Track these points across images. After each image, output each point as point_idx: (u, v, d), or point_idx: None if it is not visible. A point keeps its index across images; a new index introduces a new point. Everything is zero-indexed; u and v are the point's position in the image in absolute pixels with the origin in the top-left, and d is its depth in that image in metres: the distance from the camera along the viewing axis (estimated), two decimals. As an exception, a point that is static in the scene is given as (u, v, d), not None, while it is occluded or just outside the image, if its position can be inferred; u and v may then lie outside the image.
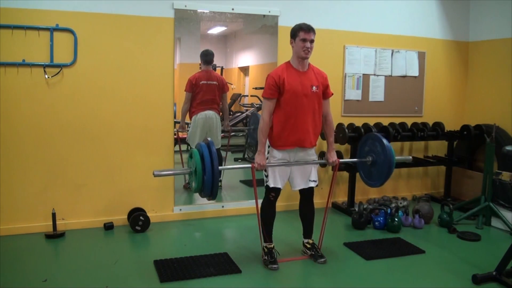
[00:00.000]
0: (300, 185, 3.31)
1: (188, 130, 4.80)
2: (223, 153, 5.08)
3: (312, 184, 3.33)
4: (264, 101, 3.15)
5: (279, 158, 3.20)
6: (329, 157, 3.38)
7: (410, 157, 4.14)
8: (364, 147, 3.59)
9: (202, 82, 4.72)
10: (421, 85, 5.21)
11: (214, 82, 4.79)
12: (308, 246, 3.45)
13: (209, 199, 3.15)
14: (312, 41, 3.12)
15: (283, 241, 3.62)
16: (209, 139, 3.04)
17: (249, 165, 3.17)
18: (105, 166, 4.02)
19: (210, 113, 4.79)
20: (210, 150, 2.92)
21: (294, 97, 3.11)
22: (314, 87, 3.16)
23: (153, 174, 2.96)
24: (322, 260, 3.34)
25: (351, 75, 4.85)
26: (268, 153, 3.26)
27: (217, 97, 4.83)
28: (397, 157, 3.44)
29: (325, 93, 3.28)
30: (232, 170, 5.11)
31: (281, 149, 3.19)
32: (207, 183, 2.90)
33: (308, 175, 3.31)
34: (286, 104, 3.12)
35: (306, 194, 3.39)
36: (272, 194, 3.25)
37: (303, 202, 3.44)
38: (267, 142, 3.22)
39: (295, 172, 3.29)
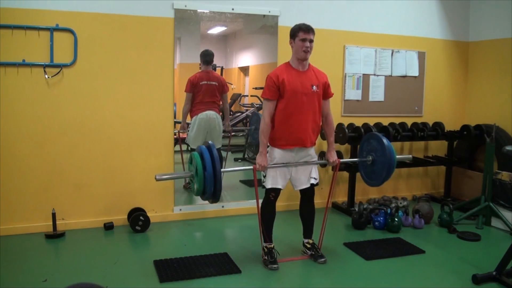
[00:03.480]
0: (302, 184, 3.32)
1: (188, 131, 4.79)
2: (223, 153, 5.08)
3: (313, 181, 3.33)
4: (264, 102, 3.16)
5: (279, 158, 3.20)
6: (330, 157, 3.38)
7: (410, 156, 4.14)
8: (365, 147, 3.59)
9: (203, 82, 4.69)
10: (421, 85, 5.21)
11: (214, 83, 4.77)
12: (308, 246, 3.45)
13: (211, 202, 3.12)
14: (311, 41, 3.13)
15: (283, 241, 3.61)
16: (210, 142, 3.03)
17: (251, 167, 3.16)
18: (105, 166, 4.02)
19: (211, 113, 4.76)
20: (211, 152, 2.90)
21: (294, 97, 3.11)
22: (314, 86, 3.16)
23: (155, 178, 2.96)
24: (322, 260, 3.34)
25: (351, 75, 4.85)
26: (268, 153, 3.26)
27: (217, 98, 4.82)
28: (397, 156, 3.44)
29: (326, 93, 3.28)
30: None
31: (281, 148, 3.19)
32: (208, 182, 2.87)
33: (309, 174, 3.32)
34: (286, 103, 3.12)
35: (307, 194, 3.38)
36: (272, 194, 3.25)
37: (303, 202, 3.43)
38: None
39: (296, 172, 3.29)
